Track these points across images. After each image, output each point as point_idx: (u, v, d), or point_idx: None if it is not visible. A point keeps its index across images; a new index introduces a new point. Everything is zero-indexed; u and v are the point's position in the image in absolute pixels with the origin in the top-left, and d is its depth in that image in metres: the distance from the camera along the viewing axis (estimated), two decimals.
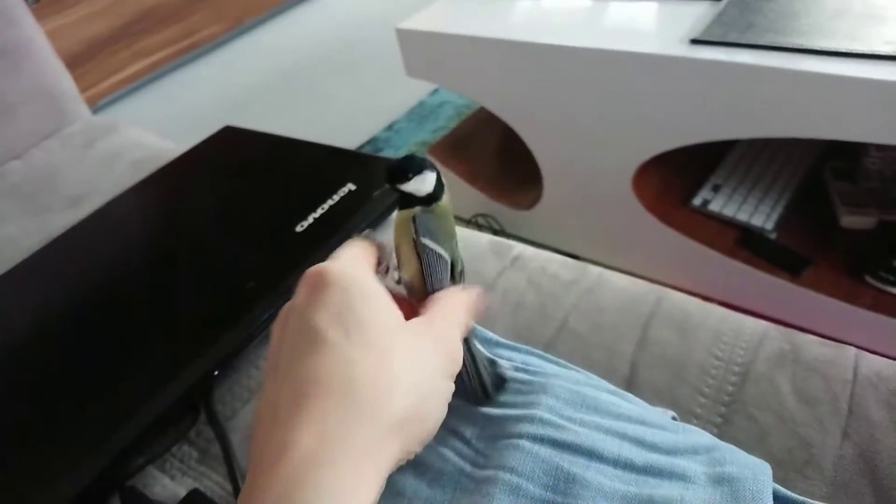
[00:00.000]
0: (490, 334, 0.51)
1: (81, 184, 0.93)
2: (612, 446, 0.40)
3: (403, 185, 0.40)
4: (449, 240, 0.43)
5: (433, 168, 0.41)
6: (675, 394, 0.52)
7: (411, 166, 0.40)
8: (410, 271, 0.41)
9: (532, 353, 0.49)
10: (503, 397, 0.45)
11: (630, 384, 0.53)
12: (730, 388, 0.52)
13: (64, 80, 1.07)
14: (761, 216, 1.20)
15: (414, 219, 0.41)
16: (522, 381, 0.45)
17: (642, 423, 0.43)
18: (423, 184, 0.41)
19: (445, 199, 0.43)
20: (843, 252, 1.16)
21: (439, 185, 0.42)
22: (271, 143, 0.90)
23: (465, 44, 1.24)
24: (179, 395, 0.54)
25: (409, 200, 0.41)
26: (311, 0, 2.22)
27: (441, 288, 0.41)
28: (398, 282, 0.43)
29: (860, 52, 0.89)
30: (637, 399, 0.47)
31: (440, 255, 0.42)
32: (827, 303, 1.11)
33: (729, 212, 1.22)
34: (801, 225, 1.21)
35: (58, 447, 0.53)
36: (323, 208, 0.72)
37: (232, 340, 0.58)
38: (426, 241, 0.41)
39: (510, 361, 0.48)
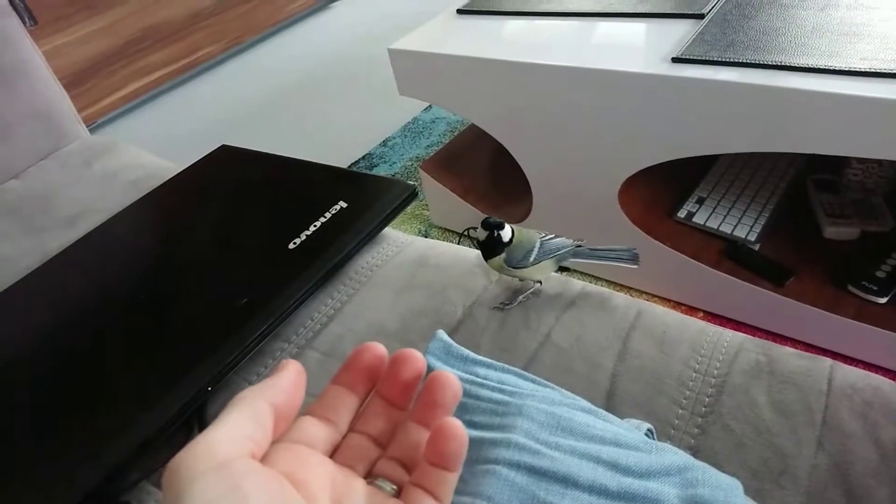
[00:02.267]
0: (466, 352, 0.52)
1: (78, 203, 0.94)
2: (587, 472, 0.41)
3: (502, 232, 0.63)
4: (529, 248, 0.64)
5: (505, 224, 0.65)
6: (653, 406, 0.54)
7: (500, 224, 0.64)
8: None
9: (508, 371, 0.51)
10: (479, 418, 0.46)
11: (610, 396, 0.55)
12: (707, 399, 0.54)
13: (62, 101, 1.09)
14: (744, 228, 1.23)
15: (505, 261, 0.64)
16: (498, 402, 0.46)
17: (616, 444, 0.43)
18: (507, 235, 0.64)
19: (517, 233, 0.65)
20: (826, 263, 1.18)
21: (513, 232, 0.65)
22: (266, 162, 0.92)
23: (455, 63, 1.26)
24: (173, 411, 0.56)
25: (496, 247, 0.64)
26: (308, 20, 2.25)
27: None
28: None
29: (838, 68, 0.91)
30: (611, 416, 0.48)
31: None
32: (811, 312, 1.13)
33: (713, 224, 1.24)
34: (785, 236, 1.23)
35: (53, 462, 0.54)
36: (315, 226, 0.74)
37: (225, 356, 0.60)
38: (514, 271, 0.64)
39: (486, 380, 0.49)
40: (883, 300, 1.10)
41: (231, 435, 0.29)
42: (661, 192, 1.33)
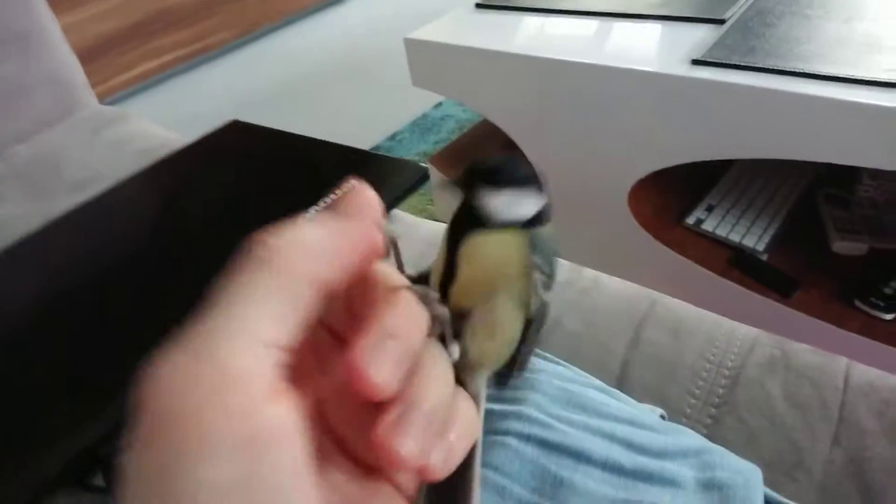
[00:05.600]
0: None
1: (86, 169, 0.93)
2: (600, 448, 0.39)
3: (493, 197, 0.27)
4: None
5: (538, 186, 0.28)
6: (665, 393, 0.53)
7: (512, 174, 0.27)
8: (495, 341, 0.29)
9: None
10: (490, 391, 0.45)
11: (621, 382, 0.54)
12: (720, 390, 0.53)
13: (74, 69, 1.08)
14: (753, 237, 1.22)
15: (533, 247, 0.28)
16: None
17: (631, 423, 0.42)
18: (520, 206, 0.28)
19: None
20: (833, 277, 1.17)
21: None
22: (276, 139, 0.91)
23: (471, 56, 1.25)
24: None
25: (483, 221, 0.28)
26: (321, 11, 2.25)
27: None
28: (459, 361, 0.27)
29: (860, 77, 0.91)
30: (625, 397, 0.47)
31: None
32: (816, 325, 1.12)
33: (722, 232, 1.23)
34: (793, 248, 1.22)
35: (44, 429, 0.53)
36: (324, 202, 0.73)
37: None
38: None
39: None
40: (889, 316, 1.09)
41: (256, 354, 0.19)
42: (672, 197, 1.32)
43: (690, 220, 1.26)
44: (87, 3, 1.94)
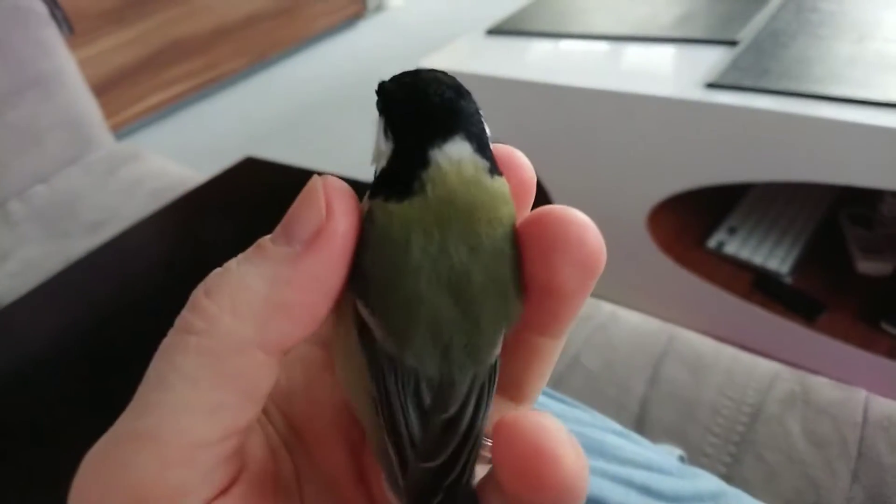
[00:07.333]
0: None
1: (102, 210, 0.95)
2: (617, 495, 0.39)
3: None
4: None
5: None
6: (685, 432, 0.52)
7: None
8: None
9: None
10: None
11: (640, 422, 0.53)
12: (740, 428, 0.52)
13: (91, 109, 1.10)
14: (776, 260, 1.20)
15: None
16: None
17: (648, 468, 0.42)
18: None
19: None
20: (858, 298, 1.15)
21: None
22: (291, 175, 0.92)
23: (483, 83, 1.26)
24: None
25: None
26: (331, 38, 2.27)
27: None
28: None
29: (873, 99, 0.90)
30: (643, 440, 0.47)
31: None
32: (842, 349, 1.10)
33: (744, 254, 1.22)
34: (817, 270, 1.21)
35: (70, 469, 0.53)
36: None
37: None
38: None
39: None
40: None
41: (193, 439, 0.17)
42: (692, 220, 1.31)
43: (712, 244, 1.25)
44: (103, 36, 1.98)
